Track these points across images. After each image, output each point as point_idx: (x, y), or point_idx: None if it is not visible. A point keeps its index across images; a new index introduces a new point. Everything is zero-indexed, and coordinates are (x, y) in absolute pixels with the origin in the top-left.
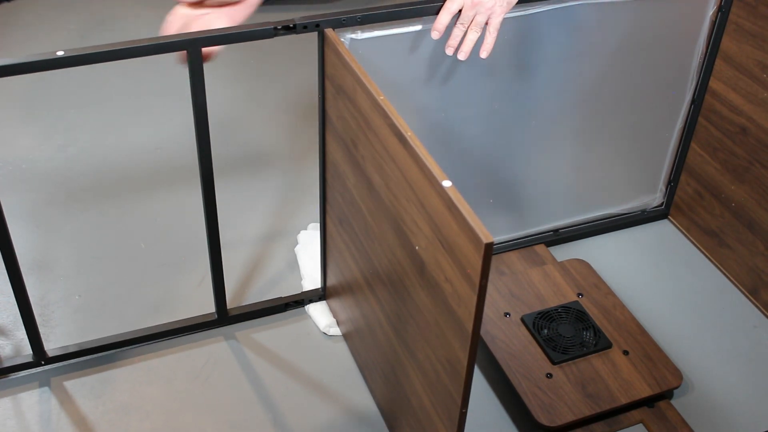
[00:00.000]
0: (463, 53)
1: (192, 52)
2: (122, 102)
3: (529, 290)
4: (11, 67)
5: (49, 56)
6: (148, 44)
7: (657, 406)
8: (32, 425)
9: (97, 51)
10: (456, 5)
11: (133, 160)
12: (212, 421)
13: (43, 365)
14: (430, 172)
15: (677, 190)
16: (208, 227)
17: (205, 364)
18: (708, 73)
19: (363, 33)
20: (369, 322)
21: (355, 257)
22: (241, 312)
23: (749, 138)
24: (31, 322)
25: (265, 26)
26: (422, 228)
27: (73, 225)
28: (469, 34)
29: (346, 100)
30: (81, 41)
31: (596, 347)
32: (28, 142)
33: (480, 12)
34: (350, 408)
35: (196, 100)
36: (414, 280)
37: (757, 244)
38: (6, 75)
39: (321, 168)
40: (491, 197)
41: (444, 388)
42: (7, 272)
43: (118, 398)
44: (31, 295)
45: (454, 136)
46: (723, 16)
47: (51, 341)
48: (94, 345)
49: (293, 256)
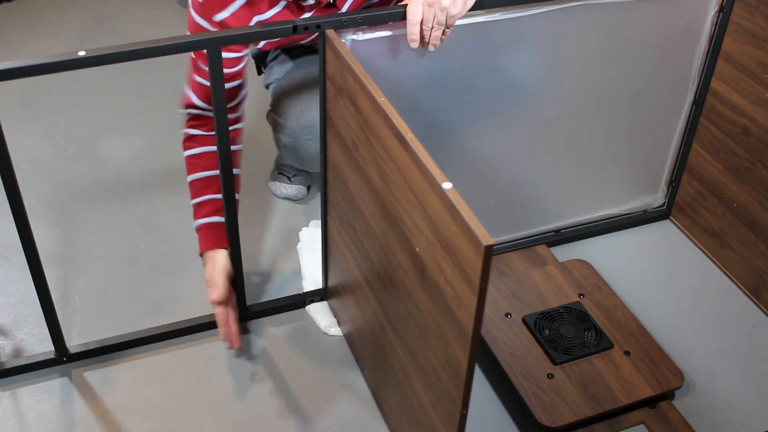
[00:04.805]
0: (431, 45)
1: (211, 52)
2: (122, 102)
3: (531, 291)
4: (35, 68)
5: (71, 56)
6: (168, 44)
7: (658, 406)
8: (32, 425)
9: (119, 51)
10: (417, 15)
11: (133, 160)
12: (212, 421)
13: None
14: (430, 173)
15: (679, 190)
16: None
17: (205, 364)
18: (709, 74)
19: (364, 34)
20: (369, 323)
21: (356, 258)
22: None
23: (751, 138)
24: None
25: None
26: (423, 229)
27: (73, 225)
28: (432, 31)
29: (347, 101)
30: (81, 41)
31: (597, 348)
32: (28, 142)
33: (437, 11)
34: (350, 408)
35: (215, 98)
36: (414, 281)
37: (759, 244)
38: (29, 75)
39: (322, 169)
40: (492, 197)
41: (444, 390)
42: (30, 271)
43: (118, 398)
44: (31, 295)
45: (455, 137)
46: (724, 17)
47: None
48: (94, 345)
49: (295, 256)
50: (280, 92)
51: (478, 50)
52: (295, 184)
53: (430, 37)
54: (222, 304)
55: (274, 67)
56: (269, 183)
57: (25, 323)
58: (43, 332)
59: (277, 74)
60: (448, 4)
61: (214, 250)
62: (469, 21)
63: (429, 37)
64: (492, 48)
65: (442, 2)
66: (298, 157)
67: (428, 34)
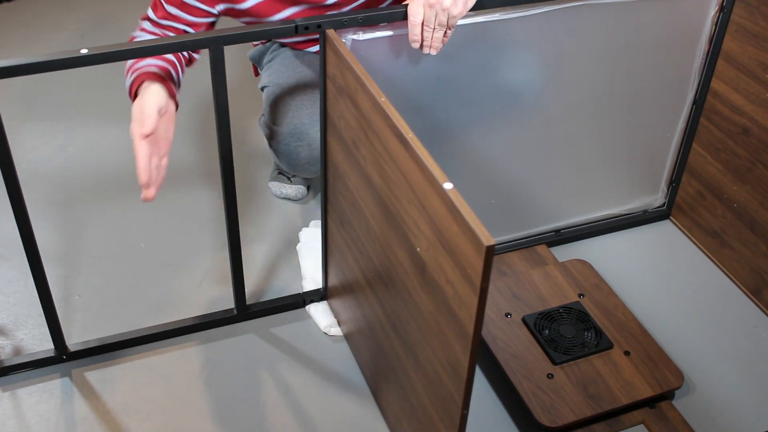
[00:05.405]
0: (433, 49)
1: (214, 50)
2: (122, 102)
3: (531, 290)
4: (38, 65)
5: (73, 54)
6: (169, 43)
7: (658, 406)
8: (32, 425)
9: (121, 49)
10: (419, 17)
11: (133, 160)
12: (212, 421)
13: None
14: (431, 174)
15: (679, 190)
16: (229, 225)
17: (205, 364)
18: (710, 74)
19: (364, 34)
20: (370, 323)
21: (356, 258)
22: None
23: (751, 138)
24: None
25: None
26: (423, 229)
27: (73, 225)
28: (434, 33)
29: (347, 100)
30: (81, 41)
31: (597, 348)
32: (28, 142)
33: (438, 12)
34: (350, 408)
35: (217, 98)
36: (415, 281)
37: (759, 244)
38: (33, 72)
39: (323, 168)
40: (493, 197)
41: (445, 390)
42: (31, 270)
43: (118, 398)
44: (31, 295)
45: (456, 137)
46: (724, 17)
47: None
48: (93, 345)
49: (295, 256)
50: (271, 97)
51: (478, 50)
52: (295, 184)
53: (432, 39)
54: (148, 139)
55: (267, 71)
56: (269, 183)
57: (25, 323)
58: (43, 332)
59: (269, 79)
60: (449, 4)
61: (148, 84)
62: (470, 21)
63: (431, 39)
64: (492, 48)
65: (444, 3)
66: (289, 163)
67: (429, 36)
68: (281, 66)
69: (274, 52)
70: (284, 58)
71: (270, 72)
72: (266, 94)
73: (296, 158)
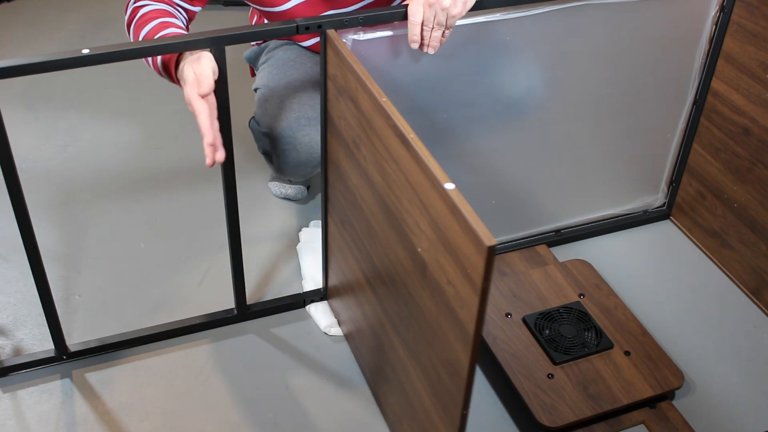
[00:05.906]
0: (431, 48)
1: (216, 51)
2: (122, 102)
3: (531, 290)
4: (40, 65)
5: (75, 54)
6: (172, 42)
7: (658, 406)
8: (32, 425)
9: (122, 49)
10: (419, 16)
11: (133, 160)
12: (212, 421)
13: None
14: (432, 174)
15: (679, 190)
16: (229, 224)
17: (205, 364)
18: (710, 74)
19: (365, 34)
20: (370, 323)
21: (356, 258)
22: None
23: (751, 138)
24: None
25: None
26: (424, 230)
27: (73, 225)
28: (432, 32)
29: (348, 101)
30: (81, 41)
31: (598, 348)
32: (28, 142)
33: (438, 11)
34: (351, 408)
35: (219, 98)
36: (416, 281)
37: (760, 244)
38: (34, 72)
39: (323, 168)
40: (493, 198)
41: (445, 390)
42: (31, 269)
43: (118, 398)
44: (31, 294)
45: (457, 137)
46: (725, 17)
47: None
48: (94, 345)
49: (295, 256)
50: (261, 100)
51: (478, 50)
52: (295, 184)
53: (430, 38)
54: (205, 99)
55: (260, 72)
56: (269, 183)
57: (25, 323)
58: (43, 332)
59: (260, 81)
60: (448, 4)
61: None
62: (470, 21)
63: (429, 38)
64: (493, 48)
65: (443, 2)
66: (277, 166)
67: (428, 35)
68: (273, 68)
69: (269, 53)
70: (277, 60)
71: (262, 74)
72: (257, 96)
73: (284, 162)
